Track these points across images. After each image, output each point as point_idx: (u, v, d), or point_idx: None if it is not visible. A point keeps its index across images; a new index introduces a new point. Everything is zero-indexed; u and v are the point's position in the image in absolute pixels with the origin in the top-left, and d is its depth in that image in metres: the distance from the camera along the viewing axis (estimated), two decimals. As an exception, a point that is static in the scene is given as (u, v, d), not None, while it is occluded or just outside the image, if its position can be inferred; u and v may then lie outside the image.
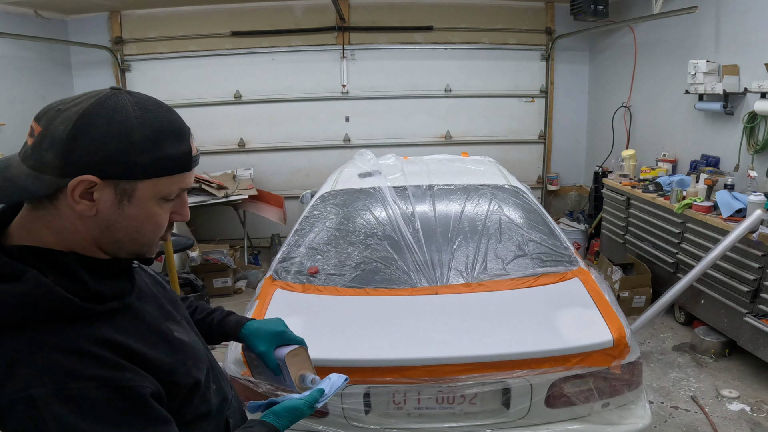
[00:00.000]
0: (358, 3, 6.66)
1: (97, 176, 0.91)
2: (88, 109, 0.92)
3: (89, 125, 0.91)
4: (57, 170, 0.90)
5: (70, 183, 0.90)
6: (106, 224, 0.96)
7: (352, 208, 3.13)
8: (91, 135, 0.90)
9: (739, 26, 4.37)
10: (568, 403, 2.16)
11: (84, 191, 0.92)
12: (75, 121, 0.90)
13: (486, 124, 7.09)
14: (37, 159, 0.91)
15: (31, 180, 0.90)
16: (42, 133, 0.91)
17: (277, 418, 1.20)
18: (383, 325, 2.35)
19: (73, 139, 0.90)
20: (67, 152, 0.90)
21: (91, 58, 6.58)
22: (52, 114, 0.92)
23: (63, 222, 0.94)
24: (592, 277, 2.64)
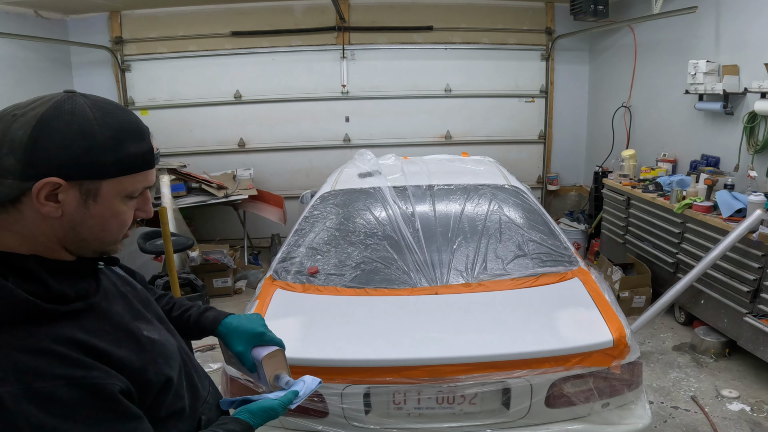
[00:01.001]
0: (358, 3, 6.66)
1: (62, 178, 0.92)
2: (46, 112, 0.94)
3: (49, 128, 0.92)
4: (18, 174, 0.91)
5: (34, 186, 0.91)
6: (72, 224, 0.97)
7: (352, 208, 3.13)
8: (53, 138, 0.92)
9: (739, 26, 4.37)
10: (568, 403, 2.16)
11: (49, 193, 0.93)
12: (34, 125, 0.92)
13: (486, 124, 7.09)
14: None
15: None
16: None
17: (252, 416, 1.21)
18: (383, 325, 2.35)
19: (35, 142, 0.91)
20: (29, 156, 0.91)
21: (91, 58, 6.58)
22: (8, 119, 0.93)
23: (26, 225, 0.95)
24: (592, 277, 2.64)
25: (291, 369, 1.39)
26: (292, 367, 1.40)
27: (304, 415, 2.11)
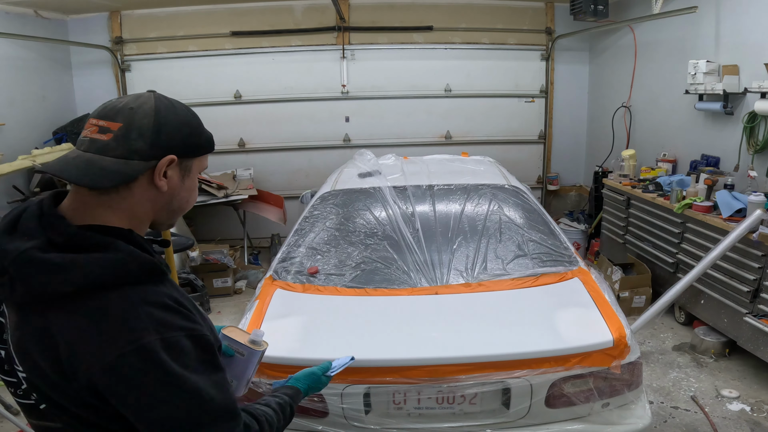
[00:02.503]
0: (358, 3, 6.66)
1: (177, 155, 1.13)
2: (157, 105, 1.13)
3: (164, 117, 1.12)
4: (146, 155, 1.08)
5: (160, 162, 1.10)
6: (171, 197, 1.16)
7: (352, 208, 3.13)
8: (169, 124, 1.12)
9: (739, 26, 4.37)
10: (568, 403, 2.16)
11: (165, 169, 1.12)
12: (154, 115, 1.11)
13: (486, 124, 7.09)
14: (126, 148, 1.07)
15: (122, 166, 1.06)
16: (125, 127, 1.08)
17: (297, 381, 1.47)
18: (383, 325, 2.35)
19: (158, 128, 1.10)
20: (154, 139, 1.09)
21: (91, 58, 6.58)
22: (127, 111, 1.10)
23: (132, 203, 1.11)
24: (592, 277, 2.65)
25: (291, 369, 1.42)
26: (292, 368, 1.42)
27: (304, 415, 2.11)
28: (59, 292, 0.99)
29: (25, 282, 1.00)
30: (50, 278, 0.99)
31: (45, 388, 1.04)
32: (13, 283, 1.00)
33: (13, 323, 1.06)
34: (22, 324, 1.04)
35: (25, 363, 1.05)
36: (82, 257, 1.01)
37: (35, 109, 5.93)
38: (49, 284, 0.99)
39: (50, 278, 0.99)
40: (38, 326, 1.01)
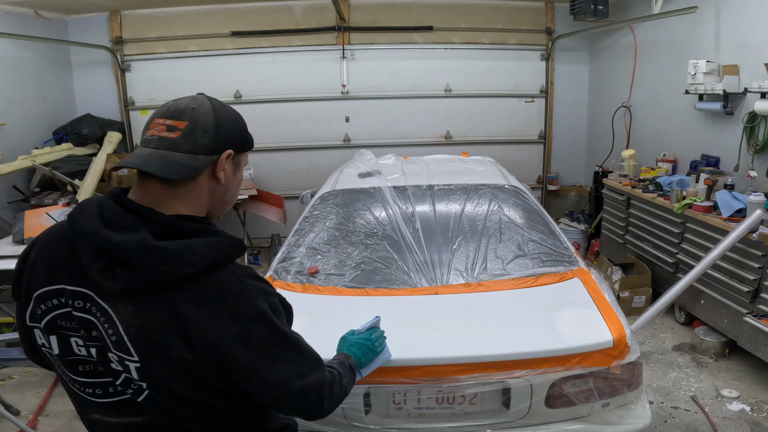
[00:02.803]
0: (358, 3, 6.66)
1: (234, 150, 1.26)
2: (213, 106, 1.25)
3: (221, 117, 1.24)
4: (209, 150, 1.21)
5: (221, 156, 1.23)
6: (226, 188, 1.29)
7: (352, 208, 3.13)
8: (226, 123, 1.25)
9: (739, 26, 4.37)
10: (568, 403, 2.16)
11: (224, 163, 1.24)
12: (213, 114, 1.23)
13: (486, 124, 7.09)
14: (193, 144, 1.19)
15: (191, 160, 1.19)
16: (191, 126, 1.20)
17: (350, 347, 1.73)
18: (383, 325, 2.35)
19: (219, 126, 1.23)
20: (216, 136, 1.22)
21: (91, 58, 6.58)
22: (190, 112, 1.21)
23: (197, 194, 1.23)
24: (592, 277, 2.64)
25: None
26: None
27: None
28: (182, 274, 1.10)
29: (148, 269, 1.08)
30: (172, 263, 1.09)
31: (164, 375, 1.13)
32: (132, 272, 1.08)
33: (125, 314, 1.11)
34: (142, 311, 1.11)
35: (145, 350, 1.12)
36: (193, 242, 1.13)
37: (35, 109, 5.93)
38: (173, 269, 1.09)
39: (172, 263, 1.09)
40: (164, 310, 1.10)
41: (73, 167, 5.51)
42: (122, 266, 1.08)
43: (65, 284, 1.16)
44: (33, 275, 1.21)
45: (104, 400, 1.21)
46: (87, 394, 1.23)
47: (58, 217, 4.22)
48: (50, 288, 1.18)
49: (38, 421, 3.39)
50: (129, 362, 1.14)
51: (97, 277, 1.10)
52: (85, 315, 1.15)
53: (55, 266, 1.19)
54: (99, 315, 1.14)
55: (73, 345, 1.20)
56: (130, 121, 6.75)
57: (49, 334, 1.21)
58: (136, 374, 1.14)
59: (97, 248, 1.09)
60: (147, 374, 1.14)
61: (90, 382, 1.21)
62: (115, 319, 1.12)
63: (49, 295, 1.19)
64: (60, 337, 1.20)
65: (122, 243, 1.08)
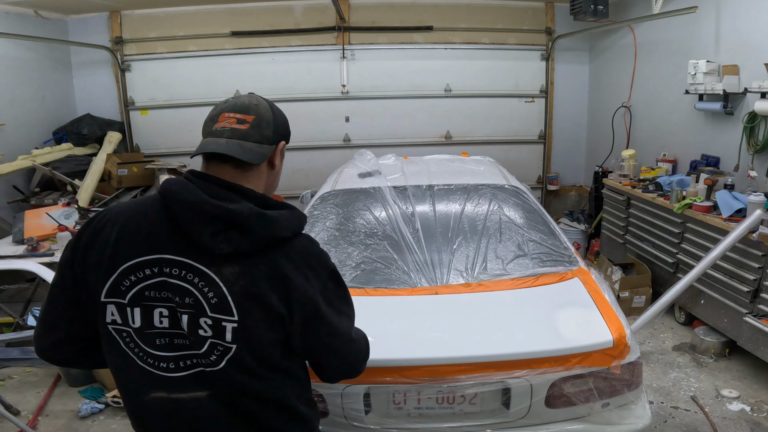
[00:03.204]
0: (358, 3, 6.66)
1: (286, 141, 1.48)
2: (267, 104, 1.45)
3: (275, 112, 1.45)
4: (271, 140, 1.42)
5: (279, 145, 1.45)
6: (276, 174, 1.50)
7: (352, 208, 3.13)
8: (279, 118, 1.46)
9: (739, 26, 4.37)
10: (568, 403, 2.16)
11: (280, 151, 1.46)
12: (270, 110, 1.44)
13: (486, 124, 7.09)
14: (261, 135, 1.39)
15: (261, 148, 1.39)
16: (257, 119, 1.39)
17: None
18: (383, 325, 2.35)
19: (275, 120, 1.44)
20: (275, 128, 1.43)
21: (91, 58, 6.58)
22: (254, 108, 1.41)
23: (260, 177, 1.43)
24: (592, 277, 2.64)
25: None
26: None
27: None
28: (282, 237, 1.32)
29: (260, 232, 1.29)
30: (277, 228, 1.31)
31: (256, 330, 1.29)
32: (245, 235, 1.27)
33: (230, 275, 1.28)
34: (247, 272, 1.29)
35: (247, 309, 1.28)
36: (284, 212, 1.35)
37: (35, 109, 5.93)
38: (278, 232, 1.31)
39: (277, 228, 1.31)
40: (267, 268, 1.30)
41: (73, 167, 5.52)
42: (236, 230, 1.27)
43: (162, 254, 1.29)
44: (117, 250, 1.30)
45: (174, 375, 1.32)
46: (159, 368, 1.32)
47: (58, 217, 4.22)
48: (143, 259, 1.29)
49: (38, 421, 3.39)
50: (226, 323, 1.28)
51: (209, 241, 1.26)
52: (181, 282, 1.28)
53: (146, 238, 1.30)
54: (197, 281, 1.28)
55: (155, 317, 1.30)
56: (130, 121, 6.75)
57: (133, 306, 1.30)
58: (230, 335, 1.28)
59: (210, 215, 1.26)
60: (241, 333, 1.28)
61: (164, 356, 1.31)
62: (218, 281, 1.27)
63: (141, 266, 1.29)
64: (144, 309, 1.30)
65: (237, 210, 1.27)
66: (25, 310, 3.94)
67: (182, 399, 1.32)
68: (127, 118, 6.73)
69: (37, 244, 3.94)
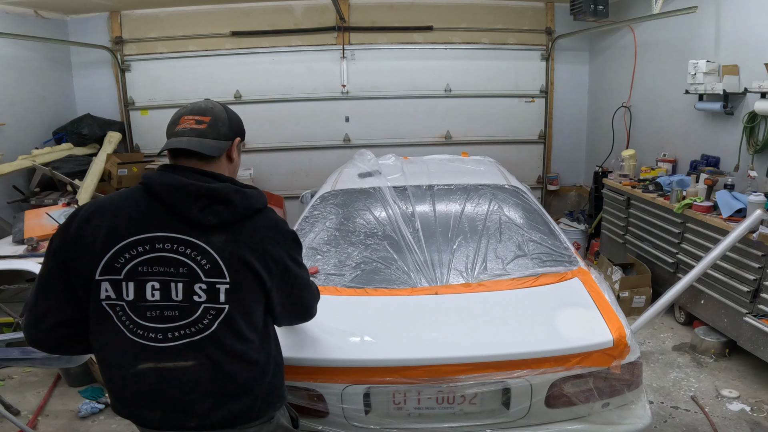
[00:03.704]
0: (358, 3, 6.66)
1: (241, 138, 1.73)
2: (223, 106, 1.71)
3: (229, 114, 1.70)
4: (227, 137, 1.66)
5: (235, 141, 1.69)
6: (235, 167, 1.73)
7: (352, 208, 3.13)
8: (234, 117, 1.72)
9: (739, 26, 4.37)
10: (568, 403, 2.16)
11: (236, 146, 1.70)
12: (225, 111, 1.69)
13: (486, 124, 7.09)
14: (217, 132, 1.63)
15: (219, 144, 1.63)
16: (213, 120, 1.64)
17: None
18: (383, 325, 2.35)
19: (230, 120, 1.69)
20: (231, 126, 1.68)
21: (91, 58, 6.58)
22: (209, 110, 1.65)
23: (221, 169, 1.65)
24: (592, 277, 2.64)
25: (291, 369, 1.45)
26: (292, 368, 1.44)
27: (304, 415, 2.11)
28: (256, 207, 1.60)
29: (241, 204, 1.55)
30: (253, 200, 1.59)
31: (246, 288, 1.54)
32: (229, 207, 1.53)
33: (219, 242, 1.51)
34: (232, 238, 1.53)
35: (236, 269, 1.51)
36: (253, 190, 1.62)
37: (35, 109, 5.93)
38: (254, 204, 1.59)
39: (253, 200, 1.59)
40: (248, 233, 1.56)
41: (73, 167, 5.51)
42: (220, 203, 1.52)
43: (155, 232, 1.49)
44: (111, 232, 1.49)
45: (163, 344, 1.49)
46: (149, 339, 1.48)
47: (58, 217, 4.21)
48: (136, 237, 1.48)
49: (38, 421, 3.39)
50: (220, 285, 1.50)
51: (198, 215, 1.49)
52: (175, 255, 1.49)
53: (138, 220, 1.50)
54: (190, 251, 1.49)
55: (148, 290, 1.48)
56: (130, 121, 6.75)
57: (128, 281, 1.48)
58: (223, 296, 1.50)
59: (195, 193, 1.50)
60: (233, 293, 1.51)
61: (154, 327, 1.48)
62: (210, 249, 1.50)
63: (134, 244, 1.48)
64: (137, 283, 1.48)
65: (218, 187, 1.53)
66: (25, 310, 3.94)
67: (169, 368, 1.48)
68: (127, 118, 6.73)
69: (37, 244, 3.93)
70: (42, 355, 2.85)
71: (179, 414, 1.52)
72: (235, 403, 1.56)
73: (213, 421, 1.54)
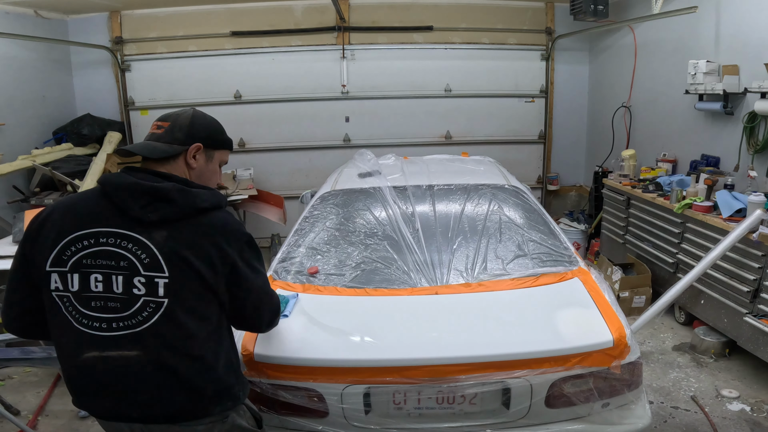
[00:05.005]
0: (358, 3, 6.66)
1: (202, 144, 1.73)
2: (194, 113, 1.76)
3: (196, 119, 1.75)
4: (181, 142, 1.70)
5: (191, 147, 1.71)
6: (198, 174, 1.75)
7: (352, 208, 3.13)
8: (200, 124, 1.75)
9: (739, 26, 4.37)
10: (568, 403, 2.16)
11: (194, 152, 1.72)
12: (190, 119, 1.74)
13: (486, 124, 7.09)
14: (171, 137, 1.69)
15: (168, 147, 1.69)
16: (171, 125, 1.71)
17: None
18: (383, 325, 2.35)
19: (192, 127, 1.72)
20: (189, 132, 1.71)
21: (91, 58, 6.58)
22: (173, 118, 1.74)
23: (177, 171, 1.69)
24: (592, 277, 2.64)
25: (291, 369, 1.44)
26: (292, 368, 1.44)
27: (304, 415, 2.11)
28: (200, 207, 1.61)
29: (183, 202, 1.58)
30: (198, 199, 1.61)
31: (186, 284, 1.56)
32: (169, 204, 1.56)
33: (160, 238, 1.55)
34: (173, 235, 1.56)
35: (175, 265, 1.55)
36: (203, 190, 1.65)
37: (35, 109, 5.93)
38: (197, 202, 1.60)
39: (198, 199, 1.61)
40: (190, 233, 1.58)
41: (73, 167, 5.51)
42: (162, 201, 1.56)
43: (99, 227, 1.56)
44: (62, 227, 1.57)
45: (107, 334, 1.54)
46: (93, 328, 1.55)
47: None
48: (83, 232, 1.56)
49: (38, 421, 3.39)
50: (159, 279, 1.54)
51: (139, 211, 1.54)
52: (117, 249, 1.54)
53: (87, 216, 1.58)
54: (131, 246, 1.54)
55: (91, 282, 1.55)
56: (130, 121, 6.75)
57: (72, 273, 1.55)
58: (162, 290, 1.54)
59: (139, 191, 1.55)
60: (171, 287, 1.54)
61: (98, 317, 1.55)
62: (150, 244, 1.54)
63: (80, 238, 1.56)
64: (82, 275, 1.55)
65: (161, 186, 1.57)
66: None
67: (112, 357, 1.54)
68: (127, 118, 6.73)
69: (37, 244, 3.93)
70: (42, 355, 2.87)
71: (124, 403, 1.58)
72: (177, 398, 1.58)
73: (155, 414, 1.58)
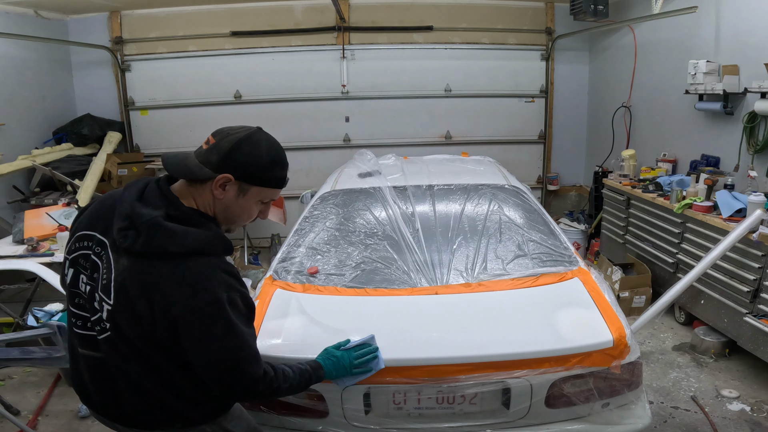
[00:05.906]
0: (358, 3, 6.66)
1: (234, 176, 1.52)
2: (242, 138, 1.53)
3: (242, 147, 1.52)
4: (214, 167, 1.51)
5: (218, 177, 1.51)
6: (225, 206, 1.57)
7: (352, 208, 3.13)
8: (243, 154, 1.52)
9: (739, 26, 4.37)
10: (568, 403, 2.16)
11: (223, 183, 1.52)
12: (234, 143, 1.52)
13: (486, 124, 7.09)
14: (206, 158, 1.52)
15: (198, 168, 1.52)
16: (215, 144, 1.53)
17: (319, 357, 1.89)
18: (383, 325, 2.35)
19: (230, 153, 1.51)
20: (224, 159, 1.51)
21: (91, 58, 6.58)
22: (223, 134, 1.54)
23: (204, 198, 1.54)
24: (592, 277, 2.64)
25: None
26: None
27: (304, 415, 2.11)
28: (172, 251, 1.42)
29: (150, 239, 1.41)
30: (170, 241, 1.42)
31: (124, 322, 1.45)
32: (139, 237, 1.42)
33: (121, 266, 1.45)
34: (131, 268, 1.44)
35: (120, 299, 1.45)
36: (192, 230, 1.46)
37: (35, 109, 5.93)
38: (168, 245, 1.42)
39: (170, 241, 1.42)
40: (145, 273, 1.42)
41: (73, 167, 5.52)
42: (134, 230, 1.43)
43: (96, 232, 1.54)
44: (82, 220, 1.61)
45: (81, 332, 1.58)
46: (75, 325, 1.60)
47: (58, 217, 4.22)
48: (86, 232, 1.57)
49: (38, 421, 3.39)
50: (105, 304, 1.48)
51: (116, 233, 1.46)
52: (97, 259, 1.52)
53: (96, 218, 1.57)
54: (104, 262, 1.49)
55: (80, 280, 1.56)
56: (130, 121, 6.75)
57: (69, 267, 1.59)
58: (105, 315, 1.48)
59: (125, 213, 1.46)
60: (113, 318, 1.47)
61: (77, 314, 1.58)
62: (113, 268, 1.47)
63: (83, 237, 1.57)
64: (74, 271, 1.58)
65: (141, 214, 1.44)
66: (25, 310, 3.94)
67: (85, 355, 1.58)
68: (127, 118, 6.73)
69: (37, 244, 3.93)
70: (42, 355, 2.87)
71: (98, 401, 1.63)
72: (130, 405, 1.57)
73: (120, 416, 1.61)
